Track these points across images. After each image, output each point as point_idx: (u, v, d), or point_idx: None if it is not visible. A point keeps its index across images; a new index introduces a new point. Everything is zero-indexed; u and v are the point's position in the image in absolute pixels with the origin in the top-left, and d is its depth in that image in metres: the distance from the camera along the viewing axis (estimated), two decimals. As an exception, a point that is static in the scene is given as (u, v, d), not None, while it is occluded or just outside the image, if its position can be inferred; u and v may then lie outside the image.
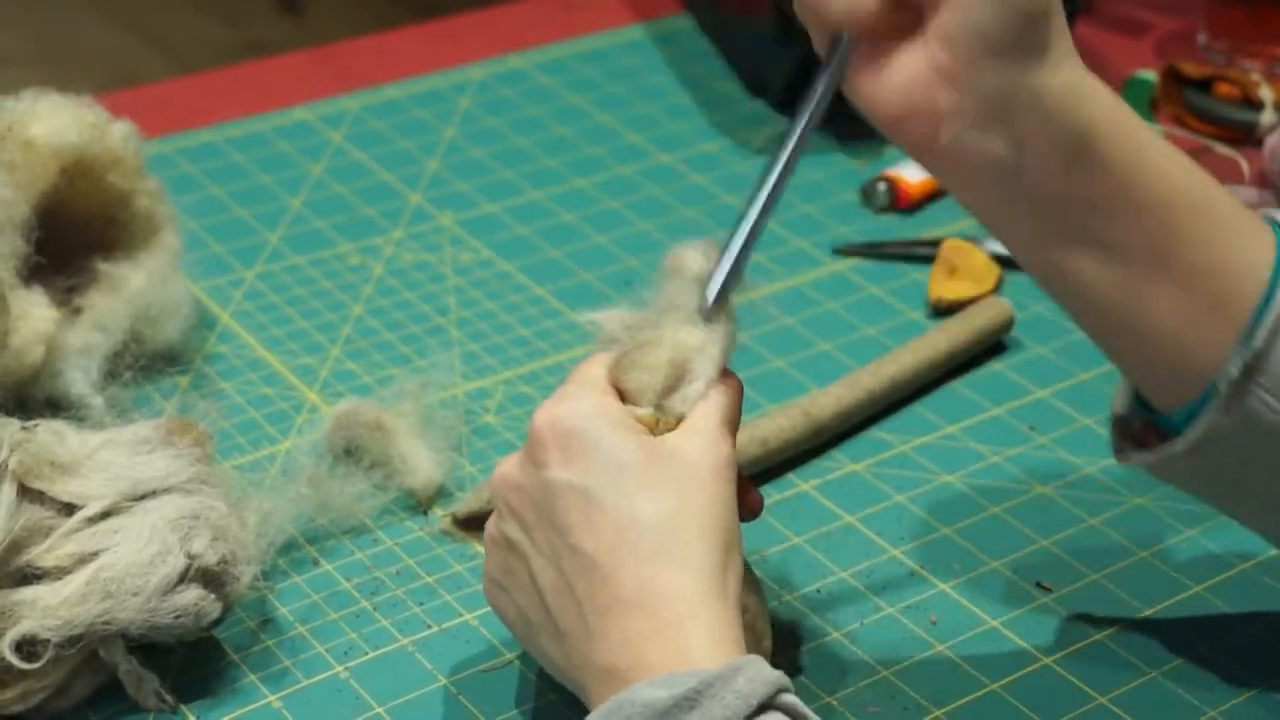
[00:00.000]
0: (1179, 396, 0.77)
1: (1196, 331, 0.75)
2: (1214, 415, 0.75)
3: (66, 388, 0.96)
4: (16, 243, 0.95)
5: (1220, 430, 0.76)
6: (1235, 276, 0.75)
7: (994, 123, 0.73)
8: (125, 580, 0.79)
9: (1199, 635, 0.88)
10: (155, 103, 1.32)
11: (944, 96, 0.73)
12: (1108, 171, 0.73)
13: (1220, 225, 0.75)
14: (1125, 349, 0.79)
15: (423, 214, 1.20)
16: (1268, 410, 0.75)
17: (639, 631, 0.70)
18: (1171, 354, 0.76)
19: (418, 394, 0.98)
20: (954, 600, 0.90)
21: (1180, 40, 1.43)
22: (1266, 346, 0.74)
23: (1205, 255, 0.75)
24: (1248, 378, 0.75)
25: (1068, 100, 0.72)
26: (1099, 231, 0.74)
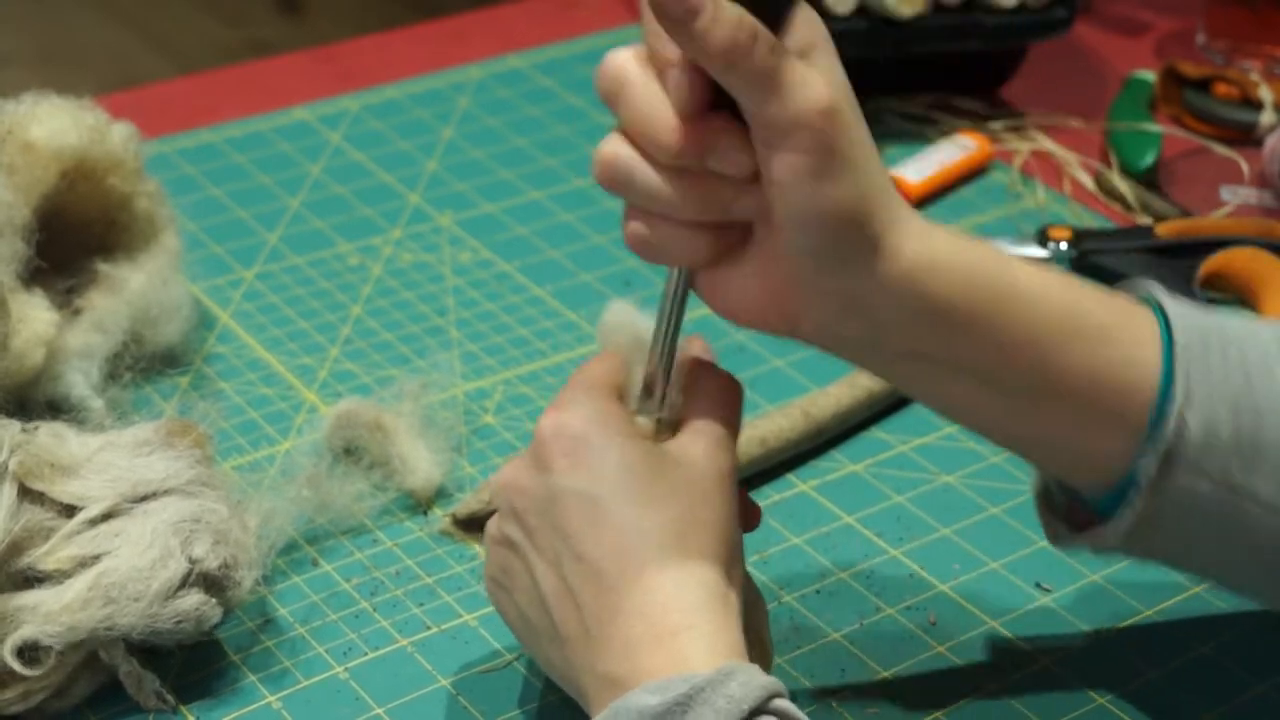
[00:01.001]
0: (1096, 488, 0.77)
1: (1096, 439, 0.75)
2: (1138, 506, 0.75)
3: (67, 390, 0.96)
4: (17, 245, 0.95)
5: (1150, 515, 0.76)
6: (1123, 380, 0.75)
7: (845, 318, 0.72)
8: (127, 585, 0.79)
9: (1199, 635, 0.88)
10: (155, 103, 1.32)
11: (789, 304, 0.73)
12: (968, 333, 0.73)
13: (1097, 337, 0.74)
14: (1028, 456, 0.79)
15: (422, 214, 1.20)
16: (1191, 491, 0.75)
17: (639, 639, 0.71)
18: (1076, 460, 0.77)
19: (417, 394, 0.98)
20: (953, 600, 0.90)
21: (1179, 40, 1.43)
22: (1178, 435, 0.74)
23: (1087, 372, 0.74)
24: (1167, 467, 0.74)
25: (914, 283, 0.71)
26: (975, 373, 0.74)
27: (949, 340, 0.73)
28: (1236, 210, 1.22)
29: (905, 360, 0.74)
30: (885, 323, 0.72)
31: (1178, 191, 1.24)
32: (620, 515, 0.72)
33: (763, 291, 0.73)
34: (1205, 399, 0.74)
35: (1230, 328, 0.77)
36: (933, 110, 1.32)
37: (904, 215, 0.72)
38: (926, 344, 0.73)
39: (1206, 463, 0.74)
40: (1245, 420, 0.75)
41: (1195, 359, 0.75)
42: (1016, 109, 1.34)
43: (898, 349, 0.74)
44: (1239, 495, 0.75)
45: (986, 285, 0.73)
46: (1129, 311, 0.76)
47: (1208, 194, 1.24)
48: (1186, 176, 1.26)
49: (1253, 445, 0.75)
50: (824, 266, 0.71)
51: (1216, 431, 0.74)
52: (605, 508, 0.72)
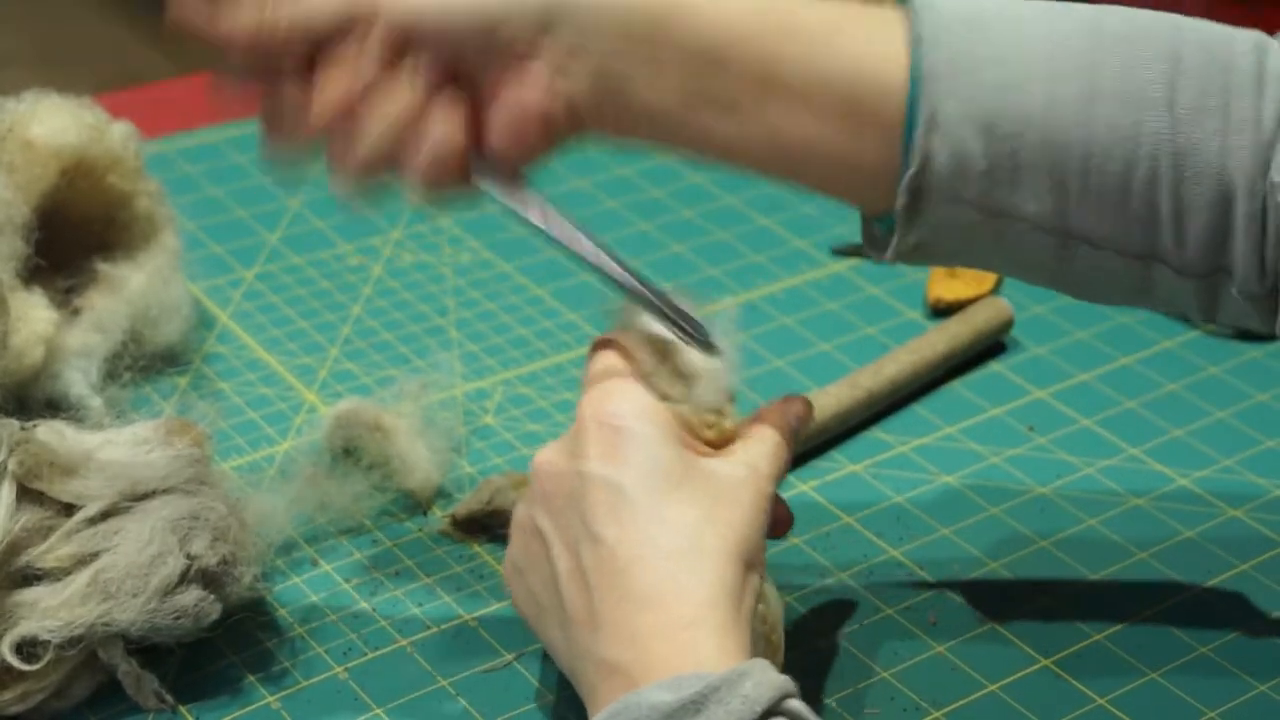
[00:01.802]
0: (875, 209, 0.78)
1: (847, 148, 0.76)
2: (903, 236, 0.76)
3: (66, 388, 0.96)
4: (16, 244, 0.95)
5: (919, 241, 0.77)
6: (854, 85, 0.75)
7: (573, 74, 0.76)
8: (125, 581, 0.79)
9: (1198, 635, 0.88)
10: (155, 102, 1.32)
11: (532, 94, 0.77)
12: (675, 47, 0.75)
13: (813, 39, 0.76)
14: (799, 180, 0.80)
15: (422, 214, 1.20)
16: (952, 217, 0.76)
17: (647, 628, 0.70)
18: (840, 176, 0.77)
19: (417, 394, 0.98)
20: (953, 601, 0.90)
21: (1180, 40, 1.43)
22: (922, 167, 0.74)
23: (807, 72, 0.75)
24: (918, 199, 0.75)
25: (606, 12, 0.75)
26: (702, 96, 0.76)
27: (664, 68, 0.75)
28: (1237, 210, 1.22)
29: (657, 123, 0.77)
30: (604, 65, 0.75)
31: (1178, 191, 1.24)
32: (642, 505, 0.72)
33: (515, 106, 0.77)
34: (954, 123, 0.74)
35: (995, 33, 0.75)
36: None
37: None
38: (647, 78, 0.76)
39: (962, 188, 0.75)
40: (999, 141, 0.74)
41: (944, 83, 0.74)
42: (1017, 109, 1.34)
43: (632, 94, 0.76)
44: (1003, 216, 0.75)
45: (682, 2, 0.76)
46: (858, 16, 0.77)
47: (1208, 194, 1.24)
48: (1187, 176, 1.26)
49: (1009, 166, 0.74)
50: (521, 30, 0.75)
51: (968, 156, 0.74)
52: (629, 496, 0.73)
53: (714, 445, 0.77)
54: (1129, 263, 0.76)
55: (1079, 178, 0.74)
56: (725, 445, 0.77)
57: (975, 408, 1.03)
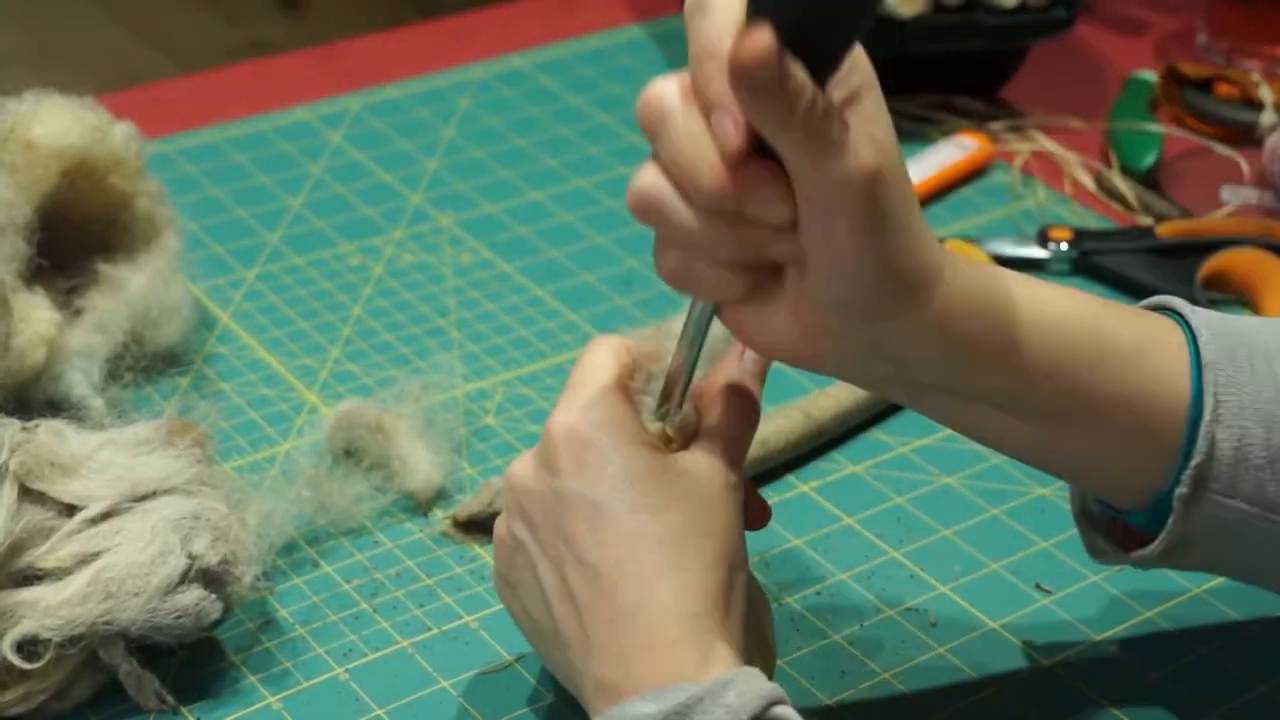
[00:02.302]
0: (1130, 506, 0.77)
1: (1128, 461, 0.75)
2: (1174, 528, 0.75)
3: (67, 389, 0.96)
4: (18, 245, 0.95)
5: (1184, 537, 0.76)
6: (1155, 398, 0.74)
7: (871, 361, 0.72)
8: (126, 580, 0.79)
9: (1199, 636, 0.88)
10: (156, 103, 1.32)
11: (816, 345, 0.71)
12: (996, 363, 0.72)
13: (1126, 358, 0.74)
14: (1063, 478, 0.80)
15: (422, 214, 1.20)
16: (1225, 511, 0.75)
17: (635, 646, 0.70)
18: (1110, 482, 0.77)
19: (418, 395, 0.98)
20: (954, 602, 0.90)
21: (1180, 40, 1.43)
22: (1209, 456, 0.74)
23: (1116, 395, 0.74)
24: (1198, 489, 0.74)
25: (940, 324, 0.70)
26: (1003, 403, 0.74)
27: (975, 374, 0.72)
28: (1237, 210, 1.22)
29: (931, 393, 0.74)
30: (911, 363, 0.72)
31: (1178, 192, 1.24)
32: (622, 521, 0.72)
33: (790, 330, 0.71)
34: (1236, 415, 0.74)
35: (1258, 338, 0.76)
36: (933, 110, 1.32)
37: (935, 259, 0.70)
38: (952, 380, 0.73)
39: (1240, 480, 0.74)
40: (1278, 435, 0.74)
41: (1223, 374, 0.74)
42: (1017, 109, 1.34)
43: (923, 384, 0.73)
44: (1273, 512, 0.75)
45: (1011, 318, 0.72)
46: (1154, 328, 0.76)
47: (1208, 194, 1.24)
48: (1187, 176, 1.26)
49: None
50: (857, 317, 0.70)
51: (1248, 449, 0.74)
52: (607, 513, 0.72)
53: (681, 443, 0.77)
54: None
55: None
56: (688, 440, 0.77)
57: (976, 408, 1.03)
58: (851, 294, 0.69)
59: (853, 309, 0.69)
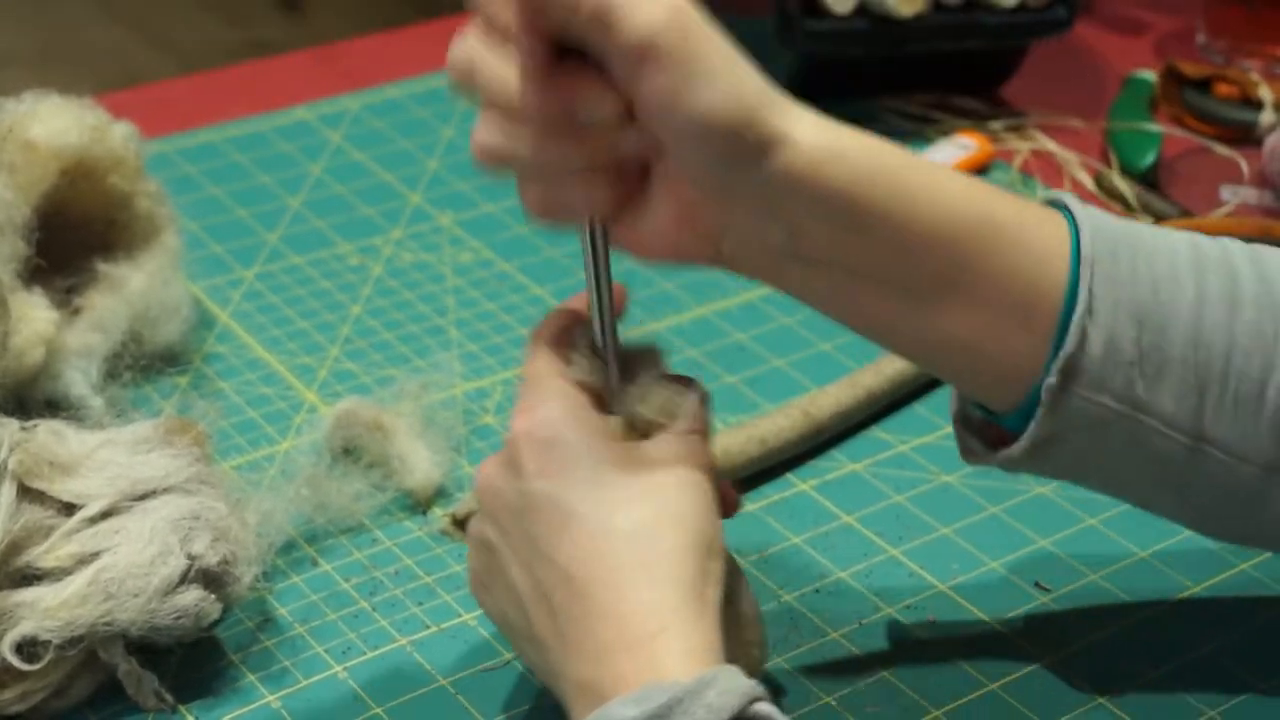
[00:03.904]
0: (1004, 401, 0.77)
1: (1006, 344, 0.75)
2: (1042, 422, 0.75)
3: (66, 388, 0.96)
4: (17, 244, 0.95)
5: (1052, 433, 0.76)
6: (1034, 284, 0.74)
7: (760, 222, 0.72)
8: (126, 581, 0.79)
9: (1199, 635, 0.88)
10: (156, 102, 1.32)
11: (703, 223, 0.73)
12: (879, 224, 0.73)
13: (1008, 239, 0.74)
14: (940, 369, 0.79)
15: (422, 214, 1.20)
16: (1093, 406, 0.75)
17: (611, 644, 0.70)
18: (985, 367, 0.76)
19: (417, 394, 0.99)
20: (953, 600, 0.90)
21: (1179, 40, 1.43)
22: (1079, 347, 0.74)
23: (998, 273, 0.74)
24: (1067, 381, 0.74)
25: (820, 174, 0.71)
26: (886, 278, 0.74)
27: (860, 240, 0.73)
28: (1237, 210, 1.22)
29: (818, 269, 0.74)
30: (798, 223, 0.72)
31: (1178, 191, 1.24)
32: (590, 519, 0.72)
33: (676, 220, 0.73)
34: (1109, 310, 0.74)
35: (1143, 237, 0.76)
36: (933, 110, 1.32)
37: (796, 111, 0.72)
38: (834, 244, 0.73)
39: (1109, 377, 0.74)
40: (1149, 335, 0.74)
41: (1102, 269, 0.74)
42: (1017, 109, 1.34)
43: (812, 254, 0.73)
44: (1141, 411, 0.75)
45: (894, 177, 0.73)
46: (1039, 216, 0.76)
47: (1208, 194, 1.24)
48: (1187, 176, 1.26)
49: (1156, 360, 0.75)
50: (724, 173, 0.71)
51: (1119, 344, 0.74)
52: (575, 512, 0.72)
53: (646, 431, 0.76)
54: (1254, 475, 0.76)
55: (1220, 378, 0.75)
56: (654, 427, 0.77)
57: (975, 407, 1.03)
58: (706, 154, 0.70)
59: (716, 168, 0.71)
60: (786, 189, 0.71)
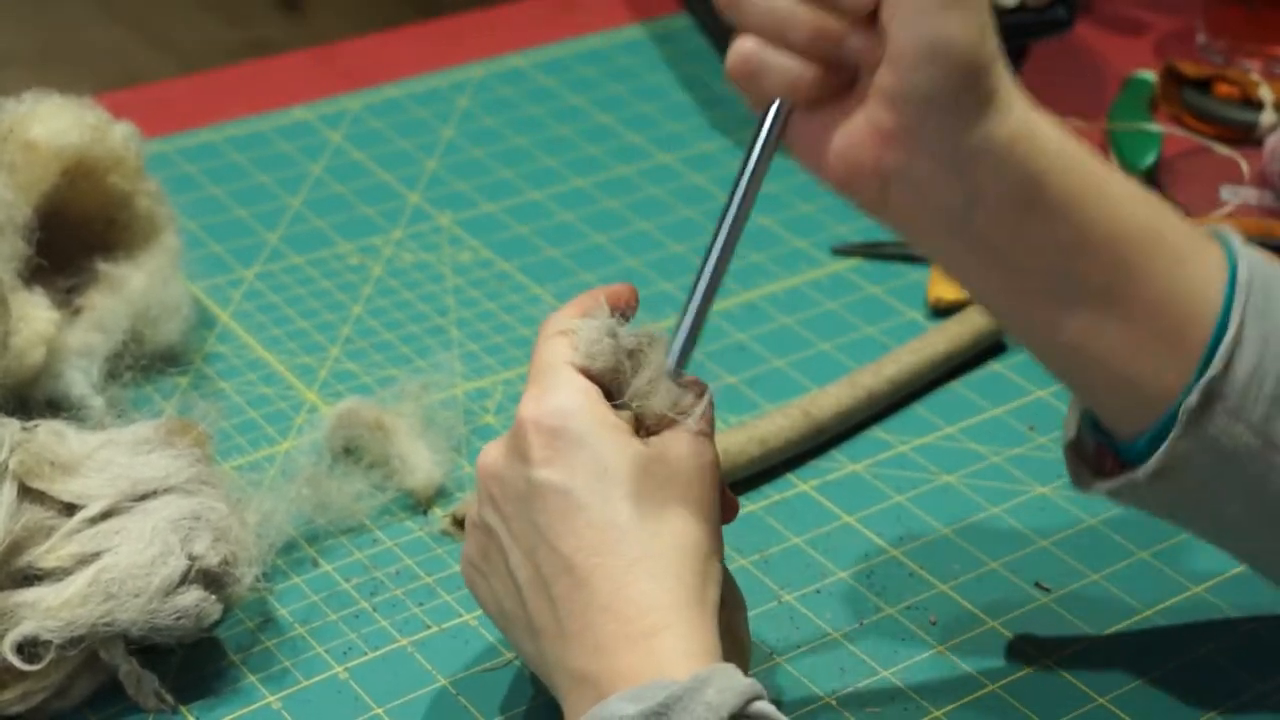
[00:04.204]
0: (1136, 423, 0.77)
1: (1152, 362, 0.75)
2: (1176, 443, 0.75)
3: (67, 388, 0.96)
4: (17, 244, 0.95)
5: (1182, 457, 0.75)
6: (1189, 305, 0.74)
7: (943, 177, 0.71)
8: (127, 581, 0.79)
9: (1199, 635, 0.88)
10: (156, 102, 1.32)
11: (890, 156, 0.72)
12: (1059, 216, 0.72)
13: (1172, 256, 0.74)
14: (1081, 379, 0.78)
15: (422, 214, 1.20)
16: (1228, 435, 0.75)
17: (611, 638, 0.70)
18: (1128, 384, 0.76)
19: (417, 394, 0.99)
20: (953, 600, 0.90)
21: (1179, 40, 1.43)
22: (1224, 372, 0.74)
23: (1159, 288, 0.74)
24: (1208, 404, 0.74)
25: (1016, 150, 0.71)
26: (1052, 274, 0.74)
27: (1035, 224, 0.72)
28: (1237, 210, 1.22)
29: (986, 249, 0.73)
30: (981, 190, 0.71)
31: (1178, 191, 1.24)
32: (595, 510, 0.72)
33: (862, 142, 0.72)
34: (1257, 342, 0.74)
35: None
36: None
37: (1012, 87, 0.72)
38: (1012, 226, 0.72)
39: (1248, 407, 0.74)
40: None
41: (1255, 301, 0.74)
42: (1017, 109, 1.34)
43: (983, 230, 0.72)
44: (1274, 449, 0.75)
45: (1082, 171, 0.73)
46: (1204, 241, 0.76)
47: (1208, 194, 1.24)
48: (1187, 176, 1.26)
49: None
50: (938, 111, 0.70)
51: (1263, 377, 0.74)
52: (581, 502, 0.72)
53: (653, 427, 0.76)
54: None
55: None
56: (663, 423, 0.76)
57: (975, 408, 1.03)
58: (935, 81, 0.69)
59: (933, 102, 0.70)
60: (981, 151, 0.71)
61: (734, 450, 0.95)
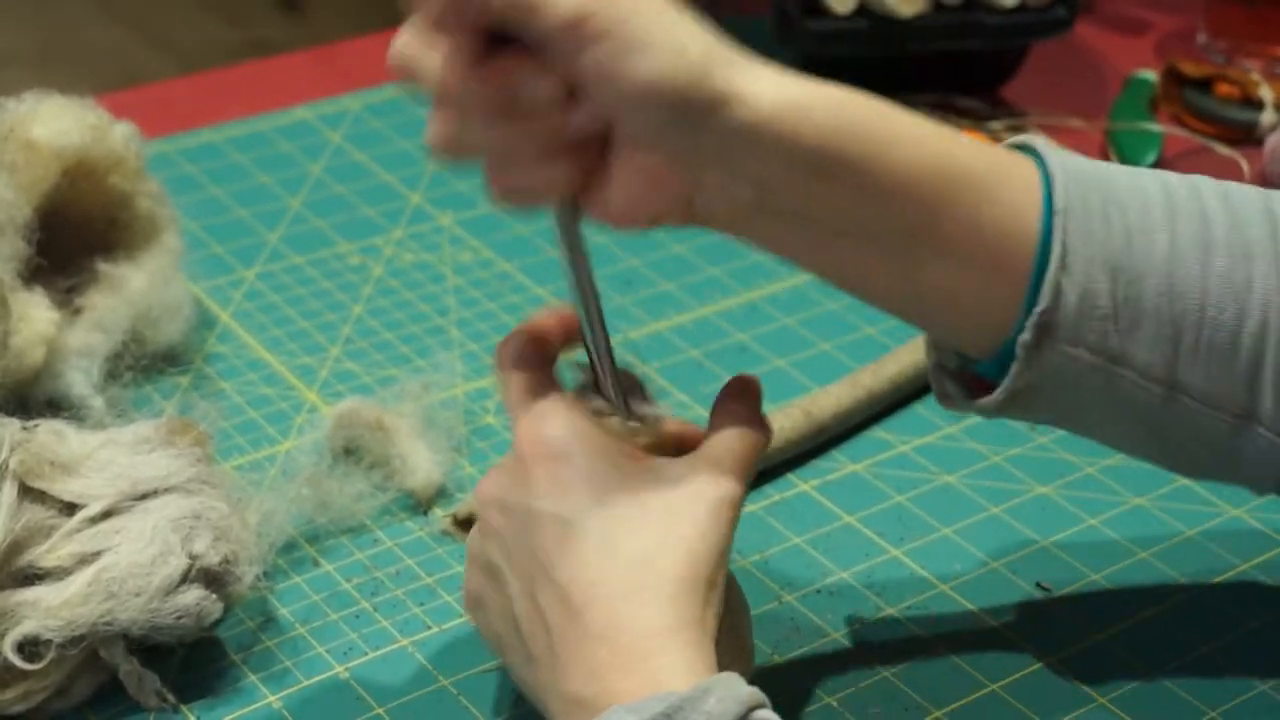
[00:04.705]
0: (982, 350, 0.77)
1: (980, 296, 0.74)
2: (1017, 375, 0.75)
3: (67, 388, 0.96)
4: (18, 244, 0.95)
5: (1028, 384, 0.75)
6: (1006, 237, 0.74)
7: (718, 179, 0.72)
8: (127, 580, 0.79)
9: (1199, 635, 0.88)
10: (157, 102, 1.32)
11: (673, 183, 0.72)
12: (846, 174, 0.72)
13: (976, 189, 0.74)
14: (915, 319, 0.78)
15: (423, 214, 1.20)
16: (1068, 360, 0.74)
17: (606, 664, 0.70)
18: (961, 318, 0.76)
19: (418, 394, 0.99)
20: (954, 600, 0.90)
21: (1180, 40, 1.43)
22: (1054, 303, 0.73)
23: (968, 223, 0.73)
24: (1043, 336, 0.74)
25: (781, 122, 0.70)
26: (856, 229, 0.73)
27: (828, 192, 0.72)
28: (1237, 210, 1.22)
29: (792, 223, 0.73)
30: (764, 178, 0.71)
31: (1178, 191, 1.24)
32: (593, 539, 0.72)
33: (644, 186, 0.72)
34: (1083, 264, 0.74)
35: (1116, 184, 0.76)
36: (933, 110, 1.32)
37: (753, 68, 0.71)
38: (807, 199, 0.72)
39: (1084, 330, 0.74)
40: (1123, 287, 0.74)
41: (1075, 222, 0.74)
42: (1017, 109, 1.34)
43: (781, 208, 0.73)
44: (1116, 363, 0.75)
45: (864, 128, 0.72)
46: (1012, 166, 0.75)
47: (1208, 194, 1.24)
48: (1187, 176, 1.26)
49: (1131, 312, 0.74)
50: (677, 136, 0.70)
51: (1094, 298, 0.74)
52: (578, 531, 0.72)
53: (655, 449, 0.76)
54: (1226, 422, 0.76)
55: (1194, 328, 0.75)
56: (669, 446, 0.77)
57: (976, 407, 1.03)
58: (655, 119, 0.70)
59: (669, 130, 0.70)
60: (745, 145, 0.70)
61: (734, 450, 0.95)
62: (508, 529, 0.74)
